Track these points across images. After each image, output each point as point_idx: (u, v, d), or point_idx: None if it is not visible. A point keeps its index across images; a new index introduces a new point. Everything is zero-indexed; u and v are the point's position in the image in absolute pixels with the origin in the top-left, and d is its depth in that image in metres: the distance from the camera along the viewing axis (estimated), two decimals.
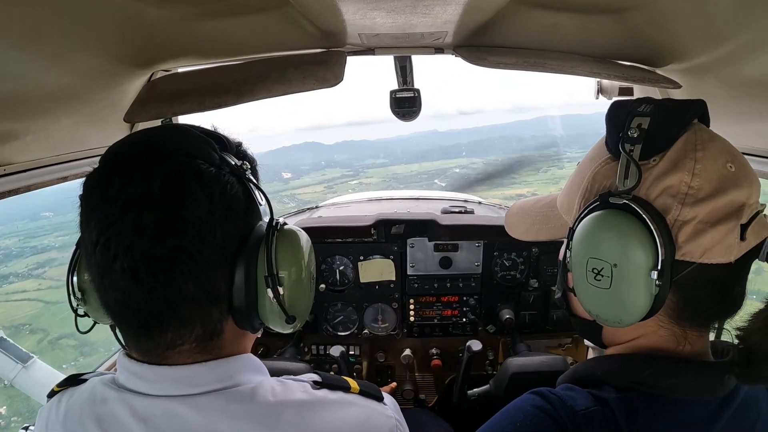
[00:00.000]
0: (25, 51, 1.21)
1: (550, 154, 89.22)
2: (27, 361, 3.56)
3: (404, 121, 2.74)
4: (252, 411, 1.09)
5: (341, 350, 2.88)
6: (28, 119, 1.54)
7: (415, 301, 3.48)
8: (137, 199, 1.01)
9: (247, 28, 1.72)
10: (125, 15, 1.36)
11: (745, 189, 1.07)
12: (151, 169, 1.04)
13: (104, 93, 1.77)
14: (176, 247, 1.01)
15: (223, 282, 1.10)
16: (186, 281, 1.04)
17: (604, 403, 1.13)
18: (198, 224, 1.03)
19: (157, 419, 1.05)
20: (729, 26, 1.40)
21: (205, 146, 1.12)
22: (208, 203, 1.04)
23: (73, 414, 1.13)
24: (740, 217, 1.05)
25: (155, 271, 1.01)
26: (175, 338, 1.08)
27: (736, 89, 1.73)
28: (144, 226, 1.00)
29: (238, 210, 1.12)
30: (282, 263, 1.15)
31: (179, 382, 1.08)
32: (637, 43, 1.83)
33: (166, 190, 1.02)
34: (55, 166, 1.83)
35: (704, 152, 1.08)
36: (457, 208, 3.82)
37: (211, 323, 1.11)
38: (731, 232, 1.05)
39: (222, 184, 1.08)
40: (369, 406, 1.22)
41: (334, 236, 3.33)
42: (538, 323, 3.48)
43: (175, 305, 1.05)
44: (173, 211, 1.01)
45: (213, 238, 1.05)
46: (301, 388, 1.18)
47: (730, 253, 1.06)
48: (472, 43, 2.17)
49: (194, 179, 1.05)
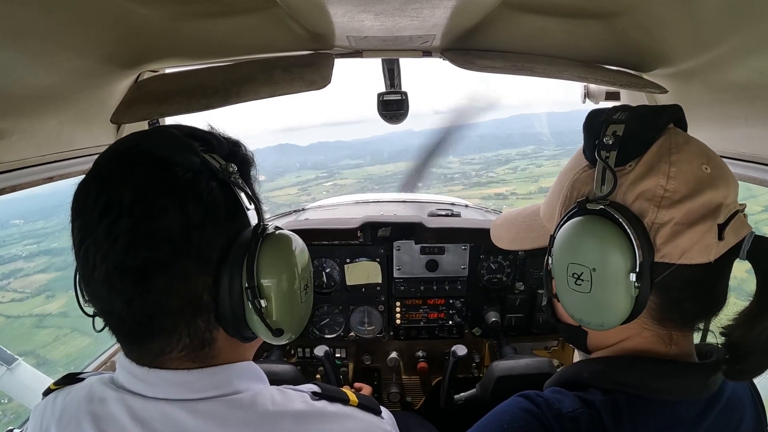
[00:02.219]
0: (12, 48, 1.20)
1: (528, 152, 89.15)
2: (11, 363, 3.54)
3: (391, 123, 2.75)
4: (251, 419, 1.08)
5: (326, 350, 2.87)
6: (14, 118, 1.53)
7: (401, 304, 3.48)
8: (111, 209, 1.00)
9: (235, 29, 1.72)
10: (113, 14, 1.35)
11: (722, 189, 1.08)
12: (125, 178, 1.03)
13: (91, 93, 1.77)
14: (149, 258, 1.00)
15: (206, 292, 1.08)
16: (163, 292, 1.03)
17: (591, 405, 1.14)
18: (170, 234, 1.01)
19: (154, 422, 1.05)
20: (715, 32, 1.41)
21: (183, 150, 1.08)
22: (179, 213, 1.01)
23: (70, 411, 1.12)
24: (717, 217, 1.07)
25: (131, 282, 1.01)
26: (163, 346, 1.08)
27: (722, 94, 1.75)
28: (117, 235, 0.99)
29: (218, 217, 1.08)
30: (266, 272, 1.10)
31: (178, 386, 1.08)
32: (625, 48, 1.84)
33: (136, 200, 1.00)
34: (41, 167, 1.81)
35: (679, 155, 1.10)
36: (443, 211, 3.83)
37: (198, 333, 1.10)
38: (709, 232, 1.07)
39: (197, 191, 1.05)
40: (367, 419, 1.21)
41: (321, 238, 3.33)
42: (524, 326, 3.49)
43: (156, 315, 1.05)
44: (144, 221, 1.00)
45: (189, 247, 1.03)
46: (301, 399, 1.17)
47: (709, 252, 1.07)
48: (460, 46, 2.17)
49: (164, 187, 1.03)
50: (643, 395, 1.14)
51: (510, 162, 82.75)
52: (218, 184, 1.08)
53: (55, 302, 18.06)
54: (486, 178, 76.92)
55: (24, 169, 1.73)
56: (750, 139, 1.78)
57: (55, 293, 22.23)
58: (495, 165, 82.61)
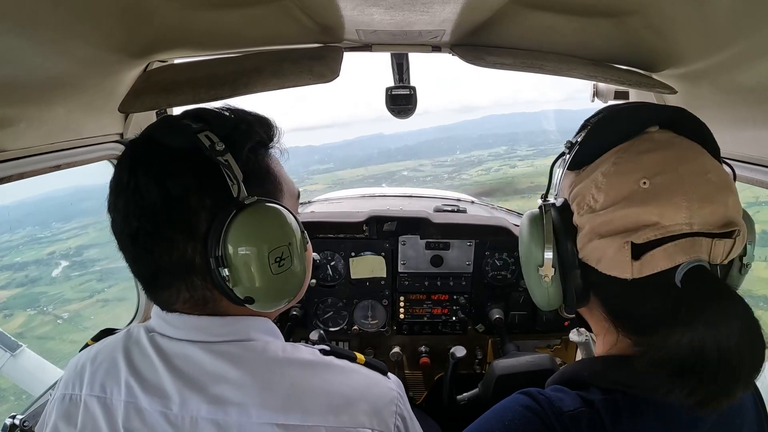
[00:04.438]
0: (22, 37, 1.20)
1: (500, 152, 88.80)
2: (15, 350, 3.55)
3: (399, 118, 2.74)
4: (261, 361, 1.20)
5: (320, 333, 2.91)
6: (22, 106, 1.53)
7: (405, 299, 3.48)
8: (118, 185, 1.20)
9: (244, 21, 1.72)
10: (123, 4, 1.35)
11: (656, 207, 1.07)
12: (126, 159, 1.22)
13: (99, 82, 1.77)
14: (138, 227, 1.16)
15: (198, 256, 1.18)
16: (154, 254, 1.18)
17: (591, 404, 1.14)
18: (153, 207, 1.15)
19: (175, 357, 1.20)
20: (726, 34, 1.41)
21: (174, 132, 1.22)
22: (160, 189, 1.15)
23: (105, 351, 1.28)
24: (632, 235, 1.08)
25: (130, 245, 1.20)
26: (168, 297, 1.24)
27: (732, 96, 1.74)
28: (119, 207, 1.19)
29: (201, 192, 1.16)
30: (232, 242, 1.15)
31: (199, 329, 1.23)
32: (635, 48, 1.83)
33: (129, 178, 1.17)
34: (49, 155, 1.82)
35: (619, 166, 1.15)
36: (449, 206, 3.83)
37: (197, 290, 1.22)
38: (617, 248, 1.10)
39: (179, 169, 1.17)
40: (372, 376, 1.29)
41: (326, 231, 3.34)
42: (528, 324, 3.48)
43: (156, 272, 1.21)
44: (134, 195, 1.16)
45: (170, 218, 1.16)
46: (310, 351, 1.29)
47: (624, 269, 1.10)
48: (470, 42, 2.17)
49: (145, 166, 1.18)
50: (641, 395, 1.13)
51: (483, 163, 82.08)
52: (205, 162, 1.16)
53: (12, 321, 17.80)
54: (459, 181, 76.39)
55: (32, 157, 1.73)
56: (759, 142, 1.77)
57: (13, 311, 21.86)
58: (467, 167, 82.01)
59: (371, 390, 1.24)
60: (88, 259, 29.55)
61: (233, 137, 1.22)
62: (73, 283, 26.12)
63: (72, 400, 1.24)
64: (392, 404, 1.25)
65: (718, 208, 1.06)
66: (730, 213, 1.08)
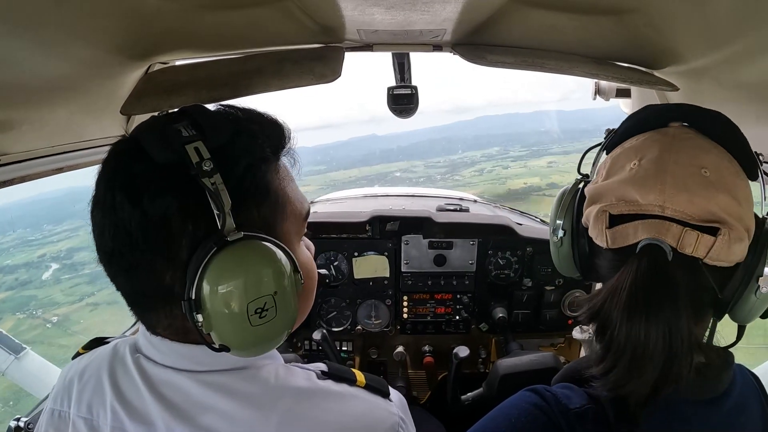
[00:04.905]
0: (23, 38, 1.20)
1: (493, 153, 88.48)
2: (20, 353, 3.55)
3: (401, 118, 2.74)
4: (252, 392, 1.11)
5: (323, 332, 2.89)
6: (24, 108, 1.53)
7: (408, 298, 3.48)
8: (96, 196, 1.07)
9: (245, 22, 1.72)
10: (124, 5, 1.35)
11: (635, 187, 1.15)
12: (105, 168, 1.08)
13: (101, 84, 1.77)
14: (113, 246, 1.04)
15: (178, 284, 1.03)
16: (131, 278, 1.07)
17: (597, 400, 1.14)
18: (127, 228, 1.01)
19: (161, 385, 1.11)
20: (728, 30, 1.40)
21: (159, 142, 1.03)
22: (135, 208, 1.00)
23: (93, 367, 1.20)
24: (611, 206, 1.19)
25: (107, 264, 1.09)
26: (150, 321, 1.13)
27: (734, 93, 1.73)
28: (96, 222, 1.06)
29: (182, 216, 1.01)
30: (213, 284, 1.00)
31: (186, 358, 1.12)
32: (636, 45, 1.83)
33: (106, 191, 1.04)
34: (51, 157, 1.82)
35: (625, 149, 1.25)
36: (452, 205, 3.83)
37: (176, 319, 1.09)
38: (598, 216, 1.21)
39: (159, 188, 1.01)
40: (371, 401, 1.20)
41: (329, 232, 3.33)
42: (531, 322, 3.48)
43: (135, 295, 1.11)
44: (108, 213, 1.03)
45: (146, 241, 1.01)
46: (305, 376, 1.18)
47: (601, 237, 1.21)
48: (471, 41, 2.17)
49: (122, 180, 1.03)
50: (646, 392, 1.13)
51: (475, 164, 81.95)
52: (189, 181, 1.00)
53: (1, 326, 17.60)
54: (452, 182, 76.10)
55: (34, 160, 1.73)
56: (761, 139, 1.76)
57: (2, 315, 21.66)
58: (460, 167, 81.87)
59: (370, 415, 1.16)
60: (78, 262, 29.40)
61: (228, 151, 1.06)
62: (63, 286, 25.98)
63: (61, 417, 1.19)
64: (392, 431, 1.17)
65: (696, 199, 1.09)
66: (715, 209, 1.08)
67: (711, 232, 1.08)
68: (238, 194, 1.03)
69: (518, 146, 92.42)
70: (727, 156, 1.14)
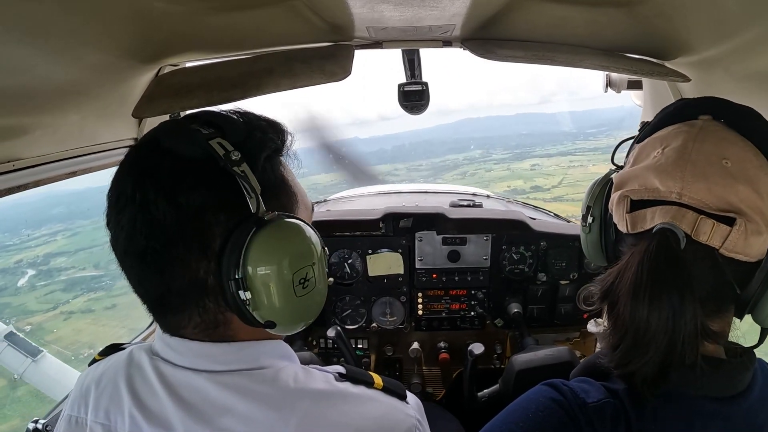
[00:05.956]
0: (33, 45, 1.21)
1: (476, 156, 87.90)
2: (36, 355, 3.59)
3: (412, 114, 2.73)
4: (270, 394, 1.11)
5: (337, 329, 2.90)
6: (37, 114, 1.54)
7: (423, 295, 3.47)
8: (119, 199, 1.08)
9: (254, 22, 1.72)
10: (133, 9, 1.35)
11: (656, 174, 1.16)
12: (131, 168, 1.12)
13: (112, 88, 1.78)
14: (146, 245, 1.06)
15: (211, 276, 1.09)
16: (164, 275, 1.09)
17: (615, 394, 1.14)
18: (163, 223, 1.05)
19: (179, 386, 1.11)
20: (739, 20, 1.40)
21: (185, 140, 1.10)
22: (171, 204, 1.05)
23: (109, 373, 1.20)
24: (632, 192, 1.20)
25: (136, 265, 1.11)
26: (178, 321, 1.14)
27: (746, 83, 1.72)
28: (122, 224, 1.07)
29: (215, 206, 1.08)
30: (253, 264, 1.06)
31: (204, 357, 1.14)
32: (646, 36, 1.82)
33: (135, 191, 1.06)
34: (64, 161, 1.83)
35: (652, 139, 1.25)
36: (465, 201, 3.82)
37: (209, 313, 1.13)
38: (620, 201, 1.23)
39: (192, 182, 1.07)
40: (389, 403, 1.21)
41: (343, 230, 3.33)
42: (546, 317, 3.47)
43: (164, 294, 1.11)
44: (140, 211, 1.05)
45: (183, 236, 1.06)
46: (324, 379, 1.19)
47: (621, 221, 1.23)
48: (480, 36, 2.16)
49: (159, 179, 1.07)
50: (665, 386, 1.13)
51: (458, 167, 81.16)
52: (219, 173, 1.07)
53: None
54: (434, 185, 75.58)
55: (47, 165, 1.75)
56: None
57: None
58: (443, 171, 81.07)
59: (388, 417, 1.18)
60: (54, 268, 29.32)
61: (248, 145, 1.13)
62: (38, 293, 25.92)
63: (78, 423, 1.20)
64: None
65: (715, 188, 1.08)
66: (733, 199, 1.07)
67: (728, 222, 1.07)
68: (262, 184, 1.10)
69: (500, 149, 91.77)
70: (753, 150, 1.13)
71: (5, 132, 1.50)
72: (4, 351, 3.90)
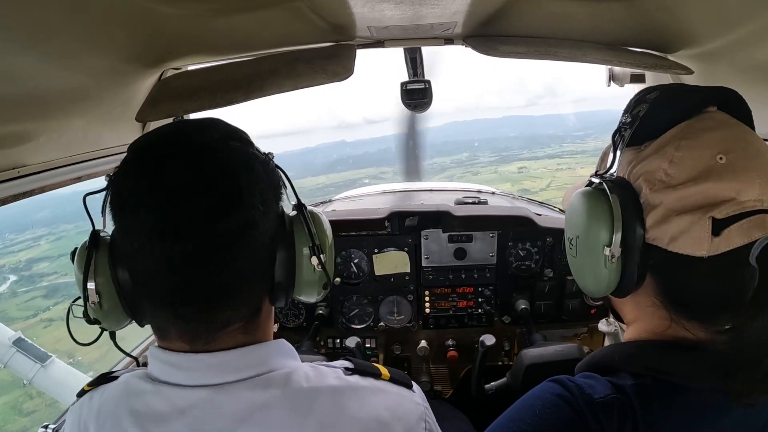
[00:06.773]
0: (36, 51, 1.21)
1: (462, 159, 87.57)
2: (45, 361, 3.60)
3: (415, 112, 2.74)
4: (286, 398, 1.12)
5: (357, 341, 2.91)
6: (41, 120, 1.55)
7: (430, 293, 3.47)
8: (193, 185, 1.06)
9: (256, 24, 1.72)
10: (134, 14, 1.36)
11: (734, 183, 1.04)
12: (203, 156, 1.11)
13: (115, 92, 1.78)
14: (239, 226, 1.08)
15: (268, 259, 1.19)
16: (244, 260, 1.11)
17: (622, 390, 1.14)
18: (252, 207, 1.11)
19: (195, 409, 1.08)
20: (741, 11, 1.39)
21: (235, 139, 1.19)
22: (258, 187, 1.14)
23: (107, 408, 1.16)
24: (714, 210, 1.04)
25: (215, 253, 1.07)
26: (230, 317, 1.13)
27: (750, 74, 1.72)
28: (205, 209, 1.05)
29: (268, 197, 1.17)
30: (320, 234, 1.28)
31: (215, 368, 1.12)
32: (649, 30, 1.82)
33: (225, 175, 1.09)
34: (69, 167, 1.84)
35: (690, 141, 1.10)
36: (470, 198, 3.82)
37: (254, 301, 1.19)
38: (697, 224, 1.05)
39: (269, 170, 1.21)
40: (399, 393, 1.25)
41: (348, 229, 3.34)
42: (554, 313, 3.46)
43: (231, 285, 1.11)
44: (233, 194, 1.08)
45: (264, 219, 1.14)
46: (334, 374, 1.21)
47: (701, 246, 1.05)
48: (482, 33, 2.16)
49: (248, 164, 1.14)
50: (671, 381, 1.12)
51: (445, 170, 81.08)
52: (264, 169, 1.19)
53: None
54: None
55: (52, 170, 1.75)
56: None
57: None
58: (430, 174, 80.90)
59: (401, 408, 1.22)
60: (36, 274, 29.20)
61: (257, 150, 1.24)
62: (19, 300, 25.89)
63: None
64: (422, 420, 1.24)
65: None
66: None
67: None
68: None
69: (488, 152, 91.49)
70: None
71: (10, 139, 1.50)
72: (13, 357, 3.92)
